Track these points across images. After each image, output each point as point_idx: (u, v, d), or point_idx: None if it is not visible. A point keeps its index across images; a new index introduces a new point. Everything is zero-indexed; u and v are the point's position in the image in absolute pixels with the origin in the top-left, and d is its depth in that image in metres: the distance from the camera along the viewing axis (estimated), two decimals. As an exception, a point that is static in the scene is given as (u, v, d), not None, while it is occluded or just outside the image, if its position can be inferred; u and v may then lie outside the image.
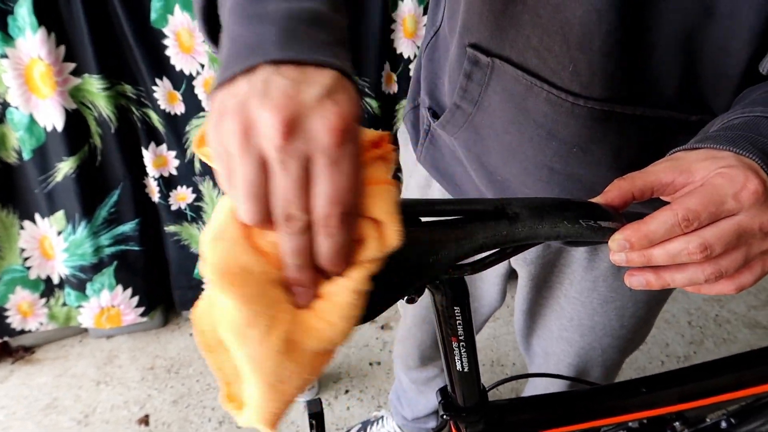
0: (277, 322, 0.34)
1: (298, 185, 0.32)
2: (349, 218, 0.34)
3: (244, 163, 0.32)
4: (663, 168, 0.44)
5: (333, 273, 0.36)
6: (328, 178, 0.33)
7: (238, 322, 0.33)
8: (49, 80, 1.28)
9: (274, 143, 0.31)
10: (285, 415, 0.37)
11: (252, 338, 0.34)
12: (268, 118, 0.31)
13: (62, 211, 1.47)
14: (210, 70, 1.38)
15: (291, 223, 0.33)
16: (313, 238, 0.34)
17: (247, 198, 0.33)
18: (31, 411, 1.54)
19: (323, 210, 0.33)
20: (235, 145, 0.32)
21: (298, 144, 0.32)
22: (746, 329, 1.91)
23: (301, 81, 0.33)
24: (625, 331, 0.86)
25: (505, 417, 0.66)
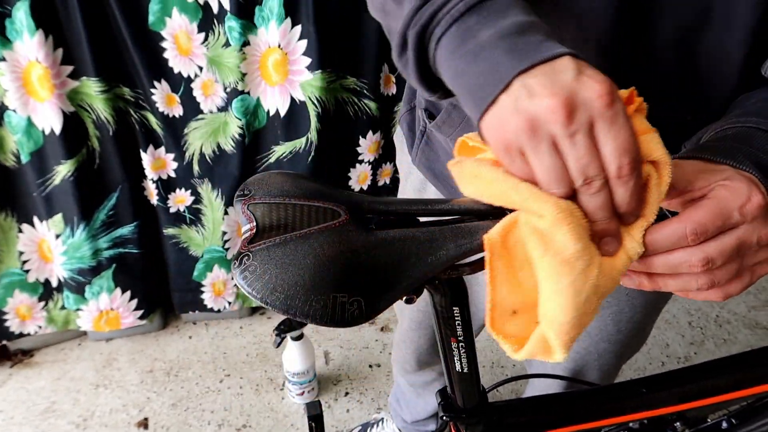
0: (594, 261, 0.39)
1: (590, 150, 0.37)
2: (636, 164, 0.38)
3: (541, 155, 0.38)
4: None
5: (631, 215, 0.40)
6: (611, 135, 0.37)
7: (570, 252, 0.38)
8: (46, 83, 1.28)
9: (561, 123, 0.36)
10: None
11: (578, 269, 0.39)
12: (547, 107, 0.36)
13: (60, 215, 1.47)
14: (208, 73, 1.38)
15: (592, 184, 0.38)
16: (610, 193, 0.38)
17: (551, 180, 0.38)
18: (30, 415, 1.54)
19: (615, 162, 0.37)
20: (528, 143, 0.38)
21: (580, 116, 0.37)
22: (747, 330, 1.91)
23: (552, 73, 0.38)
24: (622, 336, 0.85)
25: (505, 418, 0.66)
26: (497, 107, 0.39)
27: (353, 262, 0.39)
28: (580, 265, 0.38)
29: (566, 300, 0.39)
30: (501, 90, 0.39)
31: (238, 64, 1.36)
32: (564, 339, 0.40)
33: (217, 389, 1.63)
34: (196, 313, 1.79)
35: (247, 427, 1.53)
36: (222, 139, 1.49)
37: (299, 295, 0.37)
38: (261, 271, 0.38)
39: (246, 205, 0.42)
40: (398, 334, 1.18)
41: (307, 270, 0.38)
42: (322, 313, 0.38)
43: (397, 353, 1.22)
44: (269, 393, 1.63)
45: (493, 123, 0.40)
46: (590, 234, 0.40)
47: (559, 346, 0.41)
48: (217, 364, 1.71)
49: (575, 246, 0.38)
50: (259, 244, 0.39)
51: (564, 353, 0.41)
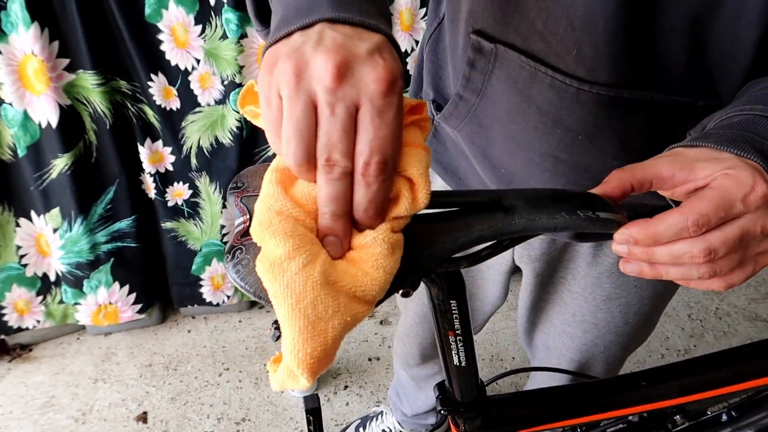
0: (316, 258, 0.34)
1: (344, 129, 0.34)
2: (387, 169, 0.35)
3: (294, 103, 0.34)
4: (663, 162, 0.43)
5: (366, 225, 0.36)
6: (373, 126, 0.34)
7: (278, 255, 0.33)
8: (43, 76, 1.27)
9: (326, 85, 0.33)
10: (324, 367, 0.35)
11: (291, 270, 0.33)
12: (321, 61, 0.34)
13: (58, 209, 1.46)
14: (205, 65, 1.37)
15: (332, 168, 0.34)
16: (351, 188, 0.35)
17: (293, 136, 0.34)
18: (28, 410, 1.54)
19: (365, 157, 0.34)
20: (287, 86, 0.34)
21: (348, 89, 0.34)
22: (746, 322, 1.91)
23: (353, 36, 0.36)
24: (629, 328, 0.85)
25: (504, 412, 0.66)
26: (286, 42, 0.36)
27: (347, 255, 0.39)
28: (295, 265, 0.33)
29: (287, 308, 0.33)
30: (300, 26, 0.36)
31: (236, 56, 1.35)
32: (300, 357, 0.34)
33: (216, 383, 1.63)
34: (195, 307, 1.79)
35: (247, 421, 1.53)
36: (220, 133, 1.48)
37: (291, 289, 0.37)
38: (254, 264, 0.37)
39: (239, 198, 0.41)
40: (402, 328, 1.17)
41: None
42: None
43: (399, 347, 1.21)
44: (268, 386, 1.62)
45: (268, 59, 0.36)
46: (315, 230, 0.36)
47: (298, 366, 0.34)
48: (216, 357, 1.71)
49: (284, 245, 0.33)
50: (251, 237, 0.38)
51: (306, 374, 0.34)
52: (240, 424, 1.52)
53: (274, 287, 0.34)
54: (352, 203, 0.35)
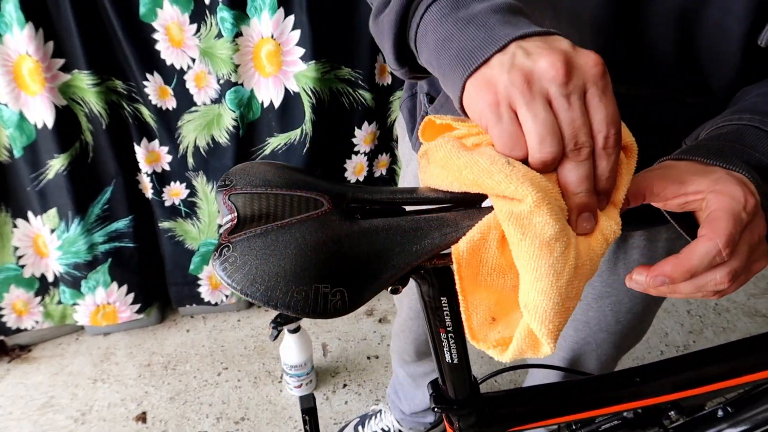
0: (572, 242, 0.39)
1: (583, 114, 0.37)
2: (620, 138, 0.39)
3: (535, 107, 0.37)
4: (654, 176, 0.44)
5: (607, 194, 0.40)
6: (603, 104, 0.37)
7: (549, 234, 0.37)
8: (38, 77, 1.27)
9: (558, 82, 0.37)
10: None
11: (558, 251, 0.38)
12: (546, 64, 0.37)
13: (55, 209, 1.46)
14: (201, 64, 1.37)
15: (582, 150, 0.37)
16: (594, 163, 0.38)
17: (548, 133, 0.37)
18: (28, 410, 1.54)
19: (604, 131, 0.37)
20: (521, 94, 0.37)
21: (576, 80, 0.37)
22: (746, 318, 1.91)
23: (548, 41, 0.39)
24: (621, 327, 0.85)
25: (498, 409, 0.65)
26: (489, 66, 0.39)
27: (336, 252, 0.39)
28: (559, 247, 0.38)
29: (548, 284, 0.38)
30: (496, 50, 0.39)
31: (231, 55, 1.35)
32: (550, 328, 0.39)
33: (215, 382, 1.63)
34: (194, 306, 1.79)
35: (246, 420, 1.53)
36: (216, 132, 1.48)
37: (280, 286, 0.37)
38: (241, 262, 0.37)
39: (227, 196, 0.41)
40: (397, 324, 1.18)
41: (288, 260, 0.37)
42: (303, 304, 0.37)
43: (396, 343, 1.21)
44: (267, 386, 1.63)
45: (481, 82, 0.39)
46: (566, 215, 0.39)
47: (546, 336, 0.39)
48: (214, 357, 1.71)
49: (554, 227, 0.37)
50: (239, 235, 0.38)
51: (551, 343, 0.39)
52: (239, 424, 1.52)
53: (538, 263, 0.37)
54: (596, 177, 0.39)
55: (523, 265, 0.38)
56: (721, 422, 0.78)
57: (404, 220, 0.41)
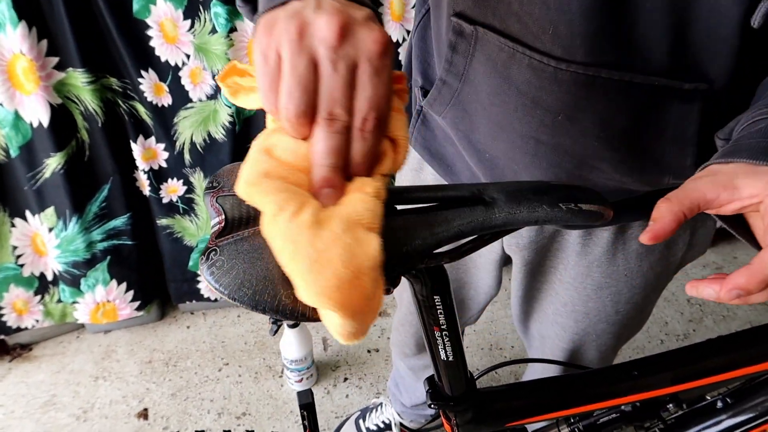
0: (304, 206, 0.35)
1: (346, 86, 0.36)
2: (381, 125, 0.37)
3: (296, 60, 0.36)
4: (704, 184, 0.43)
5: (358, 175, 0.38)
6: (372, 84, 0.36)
7: (269, 211, 0.35)
8: (32, 75, 1.26)
9: (329, 43, 0.36)
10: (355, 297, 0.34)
11: (282, 220, 0.35)
12: (324, 22, 0.36)
13: (52, 208, 1.46)
14: (196, 60, 1.36)
15: (334, 122, 0.36)
16: (348, 142, 0.37)
17: (296, 88, 0.36)
18: (30, 409, 1.54)
19: (364, 113, 0.36)
20: (289, 44, 0.36)
21: (348, 48, 0.36)
22: (746, 306, 1.90)
23: (348, 5, 0.38)
24: (621, 317, 0.84)
25: (495, 404, 0.65)
26: (282, 9, 0.38)
27: (324, 254, 0.38)
28: (284, 216, 0.34)
29: (287, 255, 0.34)
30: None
31: (226, 50, 1.34)
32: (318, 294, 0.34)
33: (216, 378, 1.64)
34: (194, 302, 1.79)
35: (247, 415, 1.54)
36: (212, 128, 1.47)
37: (268, 290, 0.36)
38: (228, 266, 0.37)
39: (214, 198, 0.40)
40: (397, 318, 1.18)
41: (276, 264, 0.37)
42: (292, 309, 0.36)
43: (396, 337, 1.21)
44: (268, 380, 1.63)
45: (267, 22, 0.38)
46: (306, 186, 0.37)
47: (323, 305, 0.34)
48: (215, 353, 1.71)
49: (274, 203, 0.35)
50: (227, 238, 0.38)
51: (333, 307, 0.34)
52: (240, 419, 1.53)
53: (275, 243, 0.35)
54: (349, 156, 0.37)
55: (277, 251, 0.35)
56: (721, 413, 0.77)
57: (394, 220, 0.41)
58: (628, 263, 0.77)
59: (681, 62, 0.54)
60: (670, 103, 0.56)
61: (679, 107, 0.55)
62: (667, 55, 0.53)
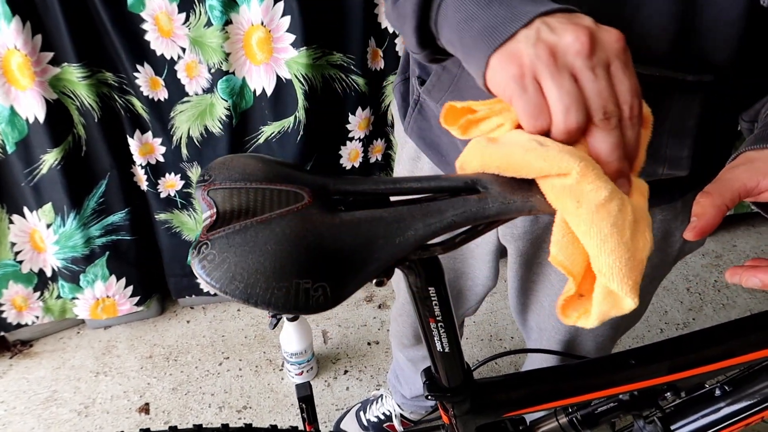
0: (624, 199, 0.39)
1: (609, 85, 0.39)
2: (642, 108, 0.40)
3: (560, 79, 0.38)
4: (743, 172, 0.44)
5: (632, 161, 0.41)
6: (627, 76, 0.39)
7: (603, 196, 0.38)
8: (27, 71, 1.26)
9: (584, 55, 0.38)
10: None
11: (615, 209, 0.38)
12: (571, 38, 0.38)
13: (50, 204, 1.46)
14: (191, 54, 1.35)
15: (610, 119, 0.39)
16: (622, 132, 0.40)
17: (572, 103, 0.38)
18: (31, 405, 1.55)
19: (629, 101, 0.39)
20: (547, 67, 0.38)
21: (600, 53, 0.39)
22: (745, 294, 1.90)
23: (572, 17, 0.40)
24: None
25: (492, 395, 0.65)
26: (514, 41, 0.40)
27: (317, 246, 0.38)
28: (615, 206, 0.38)
29: (615, 243, 0.39)
30: (521, 26, 0.40)
31: (221, 43, 1.33)
32: (629, 283, 0.40)
33: (217, 372, 1.64)
34: (193, 297, 1.79)
35: (248, 409, 1.54)
36: (209, 122, 1.47)
37: (260, 283, 0.36)
38: (220, 259, 0.36)
39: (206, 191, 0.40)
40: (395, 309, 1.18)
41: (268, 256, 0.37)
42: (284, 301, 0.36)
43: (394, 328, 1.22)
44: (269, 374, 1.63)
45: (506, 56, 0.40)
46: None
47: (628, 292, 0.40)
48: (215, 347, 1.72)
49: (606, 188, 0.38)
50: (218, 232, 0.38)
51: (634, 297, 0.40)
52: (241, 412, 1.53)
53: (600, 226, 0.38)
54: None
55: (586, 231, 0.39)
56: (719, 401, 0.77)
57: (387, 211, 0.41)
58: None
59: (686, 52, 0.53)
60: (671, 95, 0.55)
61: (681, 99, 0.55)
62: (671, 44, 0.52)
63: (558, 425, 0.78)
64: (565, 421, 0.77)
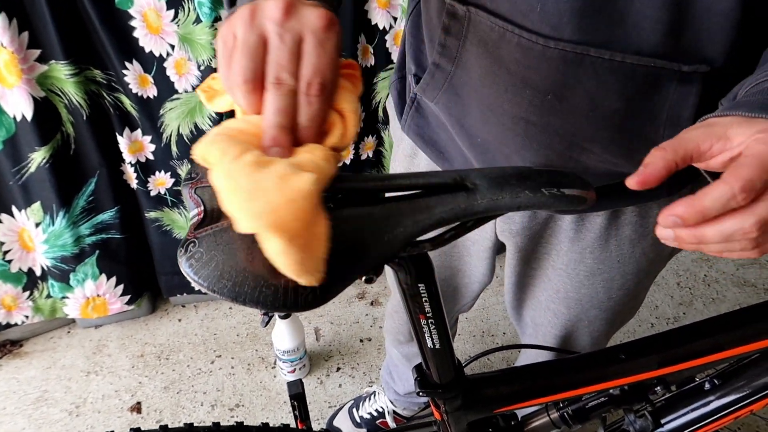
0: (250, 149, 0.38)
1: (291, 54, 0.40)
2: (326, 91, 0.41)
3: (247, 35, 0.40)
4: (699, 134, 0.42)
5: (305, 139, 0.41)
6: (315, 53, 0.40)
7: (216, 156, 0.37)
8: (14, 68, 1.24)
9: (275, 19, 0.40)
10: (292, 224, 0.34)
11: (226, 161, 0.36)
12: (272, 3, 0.40)
13: (39, 203, 1.44)
14: (180, 51, 1.35)
15: (281, 85, 0.40)
16: (295, 107, 0.40)
17: (244, 56, 0.40)
18: (22, 405, 1.53)
19: (308, 77, 0.40)
20: (242, 24, 0.40)
21: (294, 23, 0.40)
22: (735, 288, 1.92)
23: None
24: (613, 303, 0.84)
25: (484, 391, 0.65)
26: (240, 8, 0.42)
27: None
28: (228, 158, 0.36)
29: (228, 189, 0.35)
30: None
31: (211, 40, 1.33)
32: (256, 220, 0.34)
33: (209, 370, 1.64)
34: (184, 295, 1.78)
35: (241, 407, 1.54)
36: (199, 119, 1.46)
37: (248, 282, 0.36)
38: (207, 258, 0.36)
39: (193, 189, 0.40)
40: (390, 305, 1.18)
41: (257, 255, 0.36)
42: (273, 299, 0.36)
43: (389, 324, 1.21)
44: (261, 372, 1.63)
45: (226, 22, 0.43)
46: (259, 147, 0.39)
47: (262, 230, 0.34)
48: (207, 345, 1.71)
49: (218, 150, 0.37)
50: (205, 230, 0.38)
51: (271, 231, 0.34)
52: (234, 410, 1.53)
53: (218, 183, 0.36)
54: (296, 121, 0.41)
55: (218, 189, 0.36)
56: (708, 394, 0.78)
57: (376, 208, 0.41)
58: (621, 249, 0.77)
59: (680, 43, 0.53)
60: (667, 85, 0.55)
61: (677, 90, 0.55)
62: (664, 34, 0.52)
63: (549, 420, 0.78)
64: (557, 416, 0.77)
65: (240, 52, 0.40)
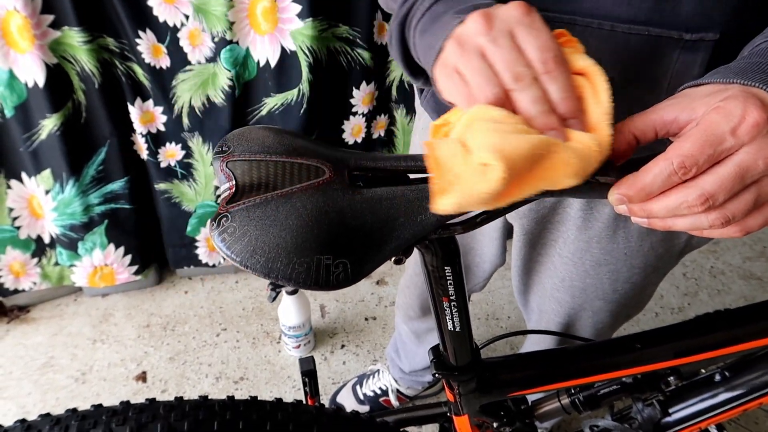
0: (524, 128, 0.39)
1: (513, 49, 0.41)
2: (560, 60, 0.41)
3: (466, 61, 0.42)
4: (666, 105, 0.41)
5: (570, 116, 0.41)
6: (532, 36, 0.41)
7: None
8: (27, 33, 1.23)
9: (482, 33, 0.42)
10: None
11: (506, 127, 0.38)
12: (470, 24, 0.43)
13: (49, 170, 1.44)
14: (195, 21, 1.33)
15: (521, 79, 0.40)
16: (544, 89, 0.41)
17: (480, 79, 0.41)
18: (28, 370, 1.55)
19: (539, 59, 0.41)
20: (457, 56, 0.43)
21: (498, 25, 0.42)
22: (741, 280, 1.92)
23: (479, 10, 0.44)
24: (618, 296, 0.84)
25: (499, 375, 0.65)
26: (443, 51, 0.45)
27: (338, 222, 0.37)
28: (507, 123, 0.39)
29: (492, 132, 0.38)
30: (445, 38, 0.45)
31: (226, 12, 1.31)
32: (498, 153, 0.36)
33: (214, 343, 1.64)
34: (191, 268, 1.79)
35: (245, 380, 1.55)
36: (211, 92, 1.45)
37: (281, 258, 0.36)
38: (240, 232, 0.36)
39: (225, 163, 0.39)
40: (404, 280, 1.18)
41: (290, 231, 0.36)
42: (305, 277, 0.36)
43: (401, 299, 1.22)
44: (266, 346, 1.64)
45: (440, 63, 0.45)
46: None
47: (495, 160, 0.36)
48: (213, 318, 1.72)
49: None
50: (238, 204, 0.37)
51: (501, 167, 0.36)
52: (238, 383, 1.54)
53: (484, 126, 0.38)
54: (553, 104, 0.41)
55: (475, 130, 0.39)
56: (718, 386, 0.78)
57: (409, 189, 0.40)
58: (629, 242, 0.76)
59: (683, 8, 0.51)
60: (669, 54, 0.53)
61: (680, 58, 0.53)
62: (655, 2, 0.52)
63: (560, 405, 0.78)
64: (567, 401, 0.78)
65: (474, 76, 0.41)
